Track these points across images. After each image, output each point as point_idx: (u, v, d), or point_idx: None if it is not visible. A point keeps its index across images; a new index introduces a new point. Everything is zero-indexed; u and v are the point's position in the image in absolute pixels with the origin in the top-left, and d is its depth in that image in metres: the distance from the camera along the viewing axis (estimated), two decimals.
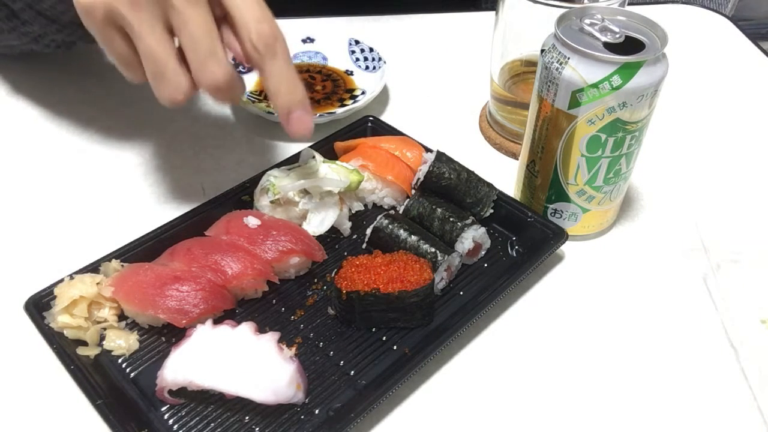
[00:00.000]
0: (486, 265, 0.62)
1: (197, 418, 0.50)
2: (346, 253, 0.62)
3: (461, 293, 0.59)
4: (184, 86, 0.51)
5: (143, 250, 0.59)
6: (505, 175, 0.70)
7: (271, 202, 0.63)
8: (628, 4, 0.63)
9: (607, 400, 0.53)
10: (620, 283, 0.62)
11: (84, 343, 0.53)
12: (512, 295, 0.60)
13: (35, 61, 0.88)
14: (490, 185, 0.64)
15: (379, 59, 0.83)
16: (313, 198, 0.62)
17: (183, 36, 0.49)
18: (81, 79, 0.85)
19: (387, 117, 0.80)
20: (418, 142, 0.69)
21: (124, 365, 0.53)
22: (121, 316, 0.56)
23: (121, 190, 0.70)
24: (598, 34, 0.54)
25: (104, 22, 0.50)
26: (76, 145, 0.76)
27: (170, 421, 0.50)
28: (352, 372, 0.53)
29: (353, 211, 0.67)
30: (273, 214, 0.63)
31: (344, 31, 0.87)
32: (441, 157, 0.64)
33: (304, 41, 0.87)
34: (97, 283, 0.55)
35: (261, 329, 0.53)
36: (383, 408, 0.51)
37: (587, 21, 0.55)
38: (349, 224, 0.65)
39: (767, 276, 0.63)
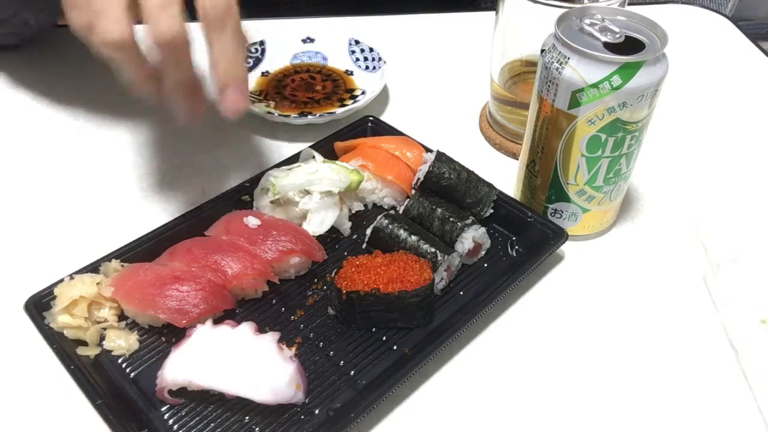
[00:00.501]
0: (486, 265, 0.62)
1: (197, 418, 0.50)
2: (346, 253, 0.62)
3: (461, 293, 0.59)
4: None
5: (143, 250, 0.59)
6: (505, 175, 0.70)
7: (271, 202, 0.63)
8: (628, 4, 0.63)
9: (607, 400, 0.53)
10: (620, 283, 0.62)
11: (84, 343, 0.53)
12: (512, 295, 0.60)
13: (32, 61, 0.88)
14: (490, 185, 0.64)
15: (379, 59, 0.83)
16: (313, 198, 0.62)
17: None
18: (80, 79, 0.85)
19: (387, 117, 0.80)
20: (418, 142, 0.69)
21: (124, 365, 0.53)
22: (121, 316, 0.56)
23: (121, 191, 0.70)
24: (598, 34, 0.54)
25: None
26: (76, 144, 0.76)
27: (170, 421, 0.50)
28: (352, 372, 0.53)
29: (353, 211, 0.67)
30: (273, 214, 0.63)
31: (344, 31, 0.87)
32: (441, 157, 0.64)
33: (304, 41, 0.87)
34: (97, 283, 0.55)
35: (261, 329, 0.53)
36: (383, 408, 0.51)
37: (587, 21, 0.55)
38: (349, 224, 0.65)
39: (767, 276, 0.63)
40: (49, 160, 0.74)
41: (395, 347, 0.55)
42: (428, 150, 0.67)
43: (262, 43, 0.85)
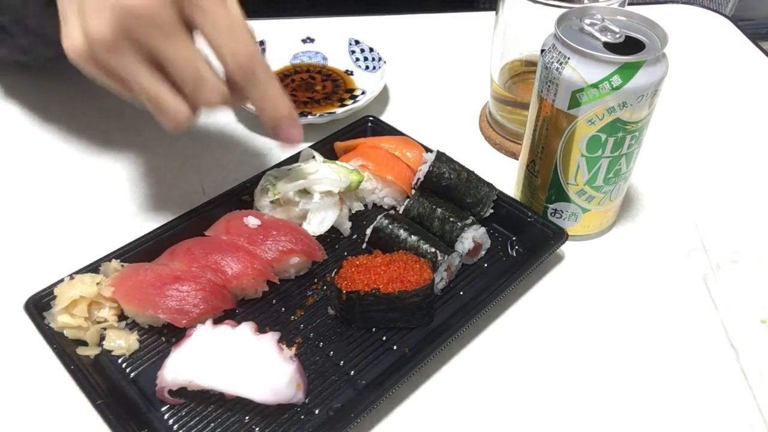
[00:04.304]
0: (486, 265, 0.62)
1: (197, 418, 0.50)
2: (346, 253, 0.62)
3: (461, 293, 0.59)
4: (183, 114, 0.51)
5: (143, 250, 0.59)
6: (505, 175, 0.70)
7: (271, 202, 0.63)
8: (628, 4, 0.63)
9: (607, 400, 0.53)
10: (620, 283, 0.62)
11: (84, 343, 0.53)
12: (512, 295, 0.60)
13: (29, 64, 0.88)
14: (490, 185, 0.64)
15: (379, 59, 0.83)
16: (313, 198, 0.62)
17: (170, 71, 0.50)
18: (79, 79, 0.85)
19: (387, 117, 0.80)
20: (418, 142, 0.69)
21: (124, 365, 0.53)
22: (121, 316, 0.56)
23: (121, 190, 0.70)
24: (598, 34, 0.54)
25: (95, 68, 0.50)
26: (76, 144, 0.76)
27: (170, 421, 0.50)
28: (352, 372, 0.53)
29: (353, 211, 0.67)
30: (273, 214, 0.63)
31: (344, 31, 0.87)
32: (441, 157, 0.64)
33: (304, 41, 0.87)
34: (97, 283, 0.55)
35: (261, 329, 0.53)
36: (383, 408, 0.51)
37: (587, 21, 0.55)
38: (349, 224, 0.65)
39: (767, 276, 0.63)
40: (48, 159, 0.74)
41: (395, 347, 0.55)
42: (428, 150, 0.67)
43: (262, 43, 0.85)
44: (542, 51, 0.57)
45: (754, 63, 0.94)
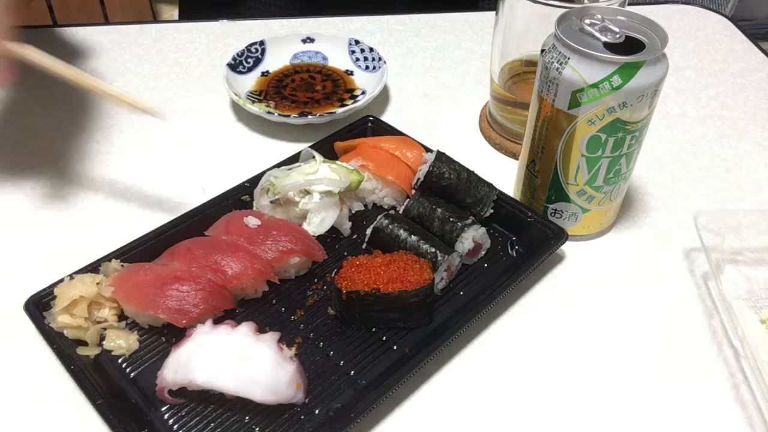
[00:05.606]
0: (486, 265, 0.62)
1: (197, 418, 0.50)
2: (346, 253, 0.62)
3: (461, 293, 0.59)
4: None
5: (143, 250, 0.59)
6: (505, 175, 0.70)
7: (271, 202, 0.63)
8: (628, 4, 0.63)
9: (607, 400, 0.53)
10: (620, 283, 0.62)
11: (84, 343, 0.53)
12: (512, 295, 0.60)
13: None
14: (490, 185, 0.64)
15: (379, 59, 0.83)
16: (313, 198, 0.62)
17: None
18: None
19: (387, 117, 0.80)
20: (418, 142, 0.69)
21: (124, 365, 0.53)
22: (121, 316, 0.56)
23: (121, 190, 0.70)
24: (598, 34, 0.54)
25: None
26: (76, 144, 0.76)
27: (170, 421, 0.50)
28: (352, 372, 0.53)
29: (353, 211, 0.67)
30: (273, 214, 0.63)
31: (344, 31, 0.87)
32: (441, 157, 0.64)
33: (304, 41, 0.87)
34: (97, 283, 0.55)
35: (261, 329, 0.53)
36: (383, 408, 0.51)
37: (587, 21, 0.55)
38: (349, 224, 0.65)
39: (767, 276, 0.63)
40: (48, 160, 0.74)
41: (395, 347, 0.55)
42: (428, 150, 0.67)
43: (262, 43, 0.85)
44: (542, 51, 0.57)
45: (754, 63, 0.94)
